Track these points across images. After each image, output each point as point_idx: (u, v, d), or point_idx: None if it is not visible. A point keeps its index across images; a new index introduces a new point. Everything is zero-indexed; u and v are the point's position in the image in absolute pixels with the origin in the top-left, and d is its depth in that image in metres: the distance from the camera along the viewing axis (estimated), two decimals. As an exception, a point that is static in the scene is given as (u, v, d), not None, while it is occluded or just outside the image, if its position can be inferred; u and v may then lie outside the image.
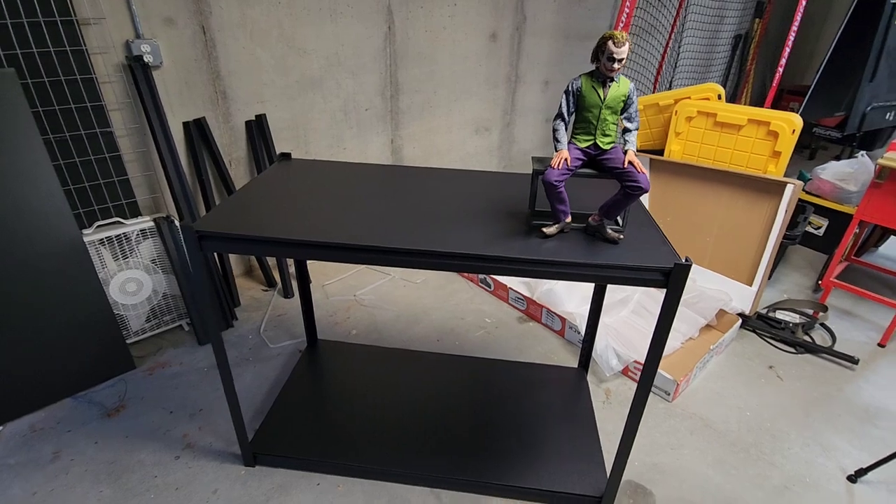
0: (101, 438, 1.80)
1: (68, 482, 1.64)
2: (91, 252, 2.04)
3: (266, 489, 1.65)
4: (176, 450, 1.77)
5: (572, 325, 2.39)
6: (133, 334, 2.26)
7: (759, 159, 2.49)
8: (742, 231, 2.53)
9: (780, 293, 2.88)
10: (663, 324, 1.23)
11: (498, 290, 2.76)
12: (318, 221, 1.34)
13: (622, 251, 1.24)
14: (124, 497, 1.60)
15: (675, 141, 2.77)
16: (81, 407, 1.94)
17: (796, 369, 2.30)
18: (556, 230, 1.29)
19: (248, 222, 1.33)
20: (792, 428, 1.98)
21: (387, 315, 2.57)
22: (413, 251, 1.23)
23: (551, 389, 2.03)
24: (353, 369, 2.09)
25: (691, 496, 1.69)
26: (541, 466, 1.69)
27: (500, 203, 1.50)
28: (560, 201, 1.25)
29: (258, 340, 2.34)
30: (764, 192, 2.44)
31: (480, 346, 2.37)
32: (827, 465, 1.82)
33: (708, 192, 2.62)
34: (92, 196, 2.13)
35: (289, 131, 2.67)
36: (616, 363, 2.16)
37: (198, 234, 1.27)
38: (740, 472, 1.78)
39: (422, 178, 1.70)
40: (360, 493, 1.64)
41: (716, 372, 2.26)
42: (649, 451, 1.85)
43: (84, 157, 2.06)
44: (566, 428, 1.85)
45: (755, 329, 2.54)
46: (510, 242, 1.27)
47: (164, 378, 2.09)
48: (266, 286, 2.76)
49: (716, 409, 2.05)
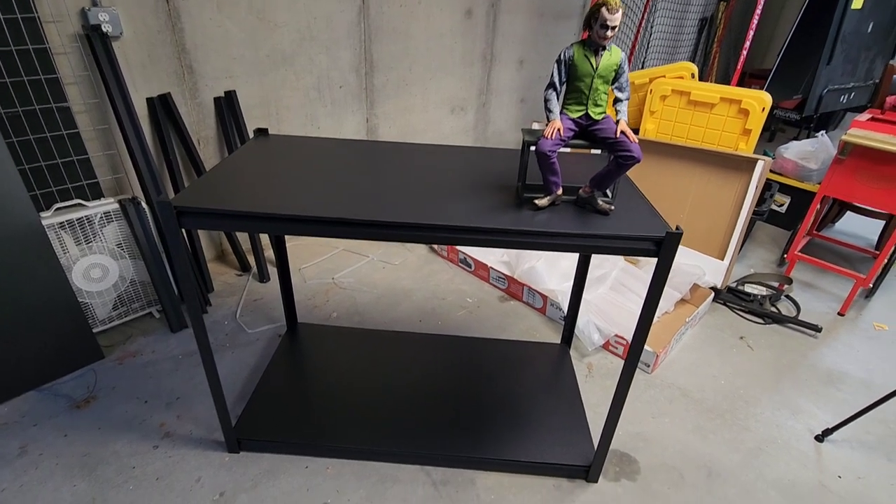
0: (70, 431, 1.71)
1: (39, 477, 1.55)
2: (51, 236, 1.91)
3: (253, 474, 1.61)
4: (154, 439, 1.70)
5: (554, 303, 2.42)
6: (100, 322, 2.14)
7: (730, 137, 2.56)
8: (714, 207, 2.60)
9: (747, 268, 3.00)
10: (654, 293, 1.25)
11: (479, 270, 2.76)
12: (302, 196, 1.29)
13: (613, 222, 1.25)
14: (101, 489, 1.53)
15: (649, 120, 2.81)
16: (47, 399, 1.83)
17: (765, 339, 2.40)
18: (547, 202, 1.29)
19: (229, 198, 1.26)
20: (763, 394, 2.07)
21: (367, 297, 2.53)
22: (406, 224, 1.20)
23: (535, 365, 2.06)
24: (336, 352, 2.06)
25: (673, 461, 1.75)
26: (528, 439, 1.71)
27: (487, 177, 1.49)
28: (552, 172, 1.24)
29: (235, 326, 2.27)
30: (735, 169, 2.51)
31: (463, 326, 2.37)
32: (796, 427, 1.92)
33: (681, 170, 2.68)
34: (49, 177, 1.99)
35: (260, 109, 2.56)
36: (598, 338, 2.20)
37: (176, 210, 1.20)
38: (717, 437, 1.85)
39: (405, 153, 1.66)
40: (350, 474, 1.63)
41: (691, 344, 2.34)
42: (632, 421, 1.90)
43: (39, 135, 1.92)
44: (552, 402, 1.88)
45: (726, 302, 2.63)
46: (502, 215, 1.25)
47: (136, 367, 2.00)
48: (240, 271, 2.67)
49: (692, 378, 2.13)
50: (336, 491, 1.57)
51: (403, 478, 1.63)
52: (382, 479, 1.62)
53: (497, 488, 1.61)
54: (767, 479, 1.70)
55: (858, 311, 2.65)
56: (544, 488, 1.62)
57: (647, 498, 1.61)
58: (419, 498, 1.57)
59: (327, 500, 1.55)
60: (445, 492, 1.59)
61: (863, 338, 2.45)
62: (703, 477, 1.70)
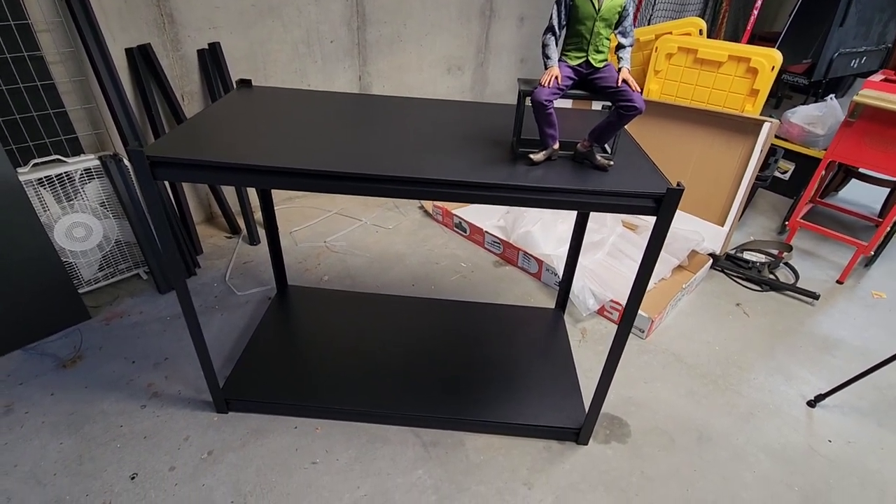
0: (57, 390, 1.69)
1: (24, 434, 1.54)
2: (29, 193, 1.84)
3: (241, 434, 1.60)
4: (141, 399, 1.69)
5: (549, 268, 2.38)
6: (85, 283, 2.10)
7: (736, 98, 2.47)
8: (717, 172, 2.53)
9: (746, 235, 2.95)
10: (651, 253, 1.20)
11: (473, 235, 2.70)
12: (284, 148, 1.22)
13: (612, 178, 1.19)
14: (88, 447, 1.52)
15: (653, 80, 2.70)
16: (33, 359, 1.80)
17: (761, 306, 2.38)
18: (543, 157, 1.22)
19: (206, 148, 1.19)
20: (757, 360, 2.06)
21: (359, 261, 2.49)
22: (392, 178, 1.14)
23: (528, 330, 2.03)
24: (327, 314, 2.02)
25: (664, 425, 1.74)
26: (520, 402, 1.70)
27: (482, 132, 1.41)
28: (549, 124, 1.17)
29: (224, 288, 2.23)
30: (740, 131, 2.43)
31: (456, 290, 2.34)
32: (789, 393, 1.91)
33: (684, 133, 2.60)
34: (25, 130, 1.90)
35: (246, 63, 2.45)
36: (593, 303, 2.17)
37: (149, 161, 1.13)
38: (710, 402, 1.85)
39: (397, 106, 1.58)
40: (340, 435, 1.62)
41: (686, 310, 2.31)
42: (624, 385, 1.88)
43: (11, 85, 1.82)
44: (544, 366, 1.86)
45: (724, 269, 2.59)
46: (495, 170, 1.19)
47: (124, 328, 1.97)
48: (230, 233, 2.61)
49: (687, 344, 2.11)
50: (325, 451, 1.57)
51: (393, 439, 1.62)
52: (372, 440, 1.61)
53: (486, 450, 1.61)
54: (758, 443, 1.70)
55: (857, 280, 2.62)
56: (534, 450, 1.62)
57: (637, 460, 1.61)
58: (408, 459, 1.56)
59: (316, 459, 1.54)
60: (435, 453, 1.58)
61: (860, 306, 2.43)
62: (694, 440, 1.70)
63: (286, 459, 1.53)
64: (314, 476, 1.49)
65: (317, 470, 1.51)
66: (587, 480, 1.54)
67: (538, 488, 1.50)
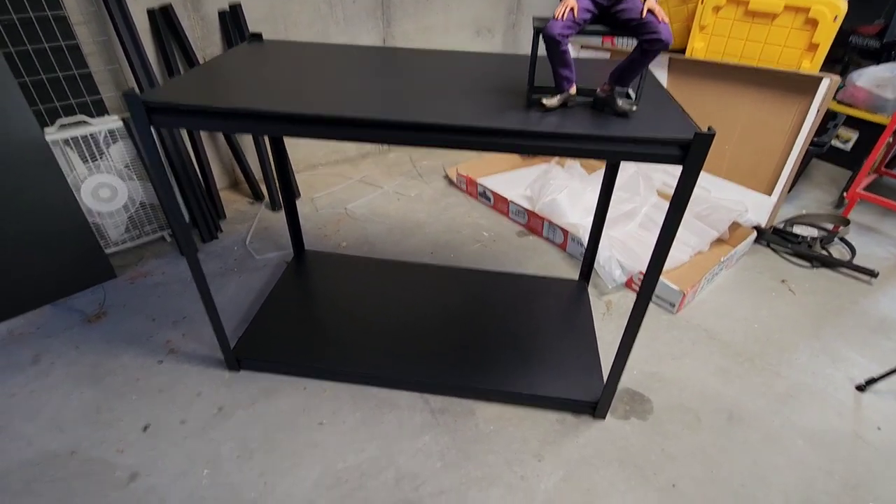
0: (81, 343, 1.75)
1: (48, 384, 1.60)
2: (56, 153, 1.89)
3: (252, 392, 1.60)
4: (159, 355, 1.72)
5: (575, 238, 2.26)
6: (112, 244, 2.16)
7: (792, 53, 2.23)
8: (765, 136, 2.31)
9: (798, 209, 2.71)
10: (676, 209, 1.08)
11: (498, 204, 2.60)
12: (289, 95, 1.17)
13: (634, 125, 1.07)
14: (106, 398, 1.56)
15: (698, 37, 2.48)
16: (61, 313, 1.87)
17: (810, 283, 2.18)
18: (557, 102, 1.12)
19: (208, 95, 1.15)
20: (801, 339, 1.89)
21: (378, 228, 2.44)
22: (385, 123, 1.06)
23: (550, 301, 1.94)
24: (342, 279, 2.00)
25: (690, 403, 1.63)
26: (535, 373, 1.62)
27: (501, 81, 1.31)
28: (563, 64, 1.06)
29: (243, 252, 2.24)
30: (795, 90, 2.20)
31: (476, 260, 2.26)
32: (835, 375, 1.74)
33: (731, 94, 2.38)
34: (51, 91, 1.94)
35: (267, 24, 2.41)
36: (619, 274, 2.04)
37: (146, 106, 1.10)
38: (743, 381, 1.71)
39: (413, 57, 1.49)
40: (348, 397, 1.60)
41: (724, 285, 2.15)
42: (649, 361, 1.77)
43: (37, 45, 1.85)
44: (564, 338, 1.77)
45: (770, 243, 2.39)
46: (504, 116, 1.09)
47: (147, 287, 2.01)
48: (252, 199, 2.62)
49: (722, 321, 1.96)
50: (332, 413, 1.55)
51: (402, 404, 1.58)
52: (380, 404, 1.58)
53: (497, 420, 1.55)
54: (796, 427, 1.56)
55: (924, 258, 2.37)
56: (547, 422, 1.54)
57: (658, 437, 1.51)
58: (416, 424, 1.52)
59: (323, 420, 1.53)
60: (443, 420, 1.54)
61: (926, 286, 2.19)
62: (723, 420, 1.58)
63: (293, 419, 1.52)
64: (320, 436, 1.48)
65: (323, 431, 1.50)
66: (601, 455, 1.46)
67: (549, 461, 1.44)
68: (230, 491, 1.33)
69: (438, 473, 1.39)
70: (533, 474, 1.40)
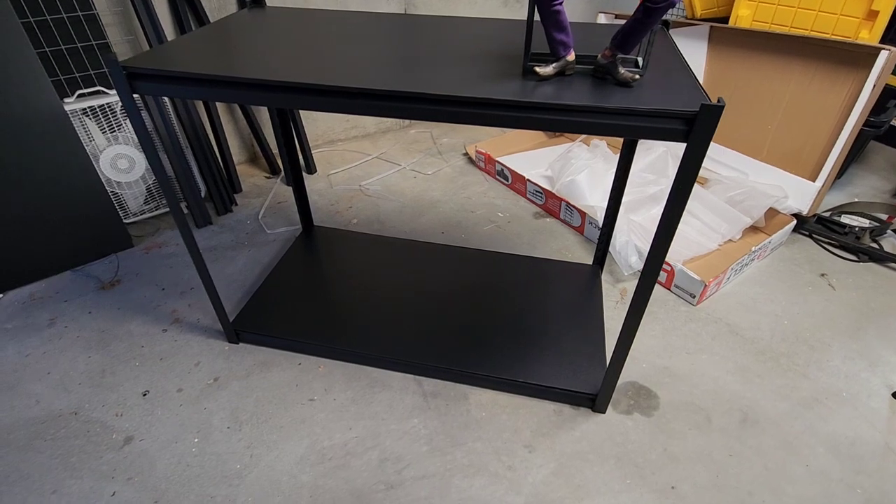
0: (94, 309, 1.81)
1: (60, 346, 1.67)
2: (75, 123, 1.94)
3: (248, 365, 1.61)
4: (164, 323, 1.76)
5: (592, 221, 2.14)
6: (132, 214, 2.22)
7: (849, 22, 1.99)
8: (813, 116, 2.09)
9: (849, 196, 2.46)
10: (680, 191, 0.97)
11: (515, 184, 2.50)
12: (277, 62, 1.12)
13: (637, 94, 0.96)
14: (111, 363, 1.61)
15: (744, 3, 2.26)
16: (80, 279, 1.94)
17: (854, 278, 1.98)
18: (552, 70, 1.02)
19: (198, 61, 1.12)
20: (835, 339, 1.72)
21: (391, 206, 2.40)
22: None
23: (559, 285, 1.85)
24: (348, 256, 1.97)
25: (701, 401, 1.52)
26: (534, 360, 1.55)
27: (507, 49, 1.21)
28: (558, 27, 0.96)
29: (256, 226, 2.25)
30: (849, 63, 1.96)
31: (488, 241, 2.18)
32: (871, 381, 1.58)
33: (777, 68, 2.16)
34: (71, 61, 1.98)
35: (284, -5, 2.37)
36: (636, 261, 1.92)
37: (127, 72, 1.09)
38: (764, 382, 1.58)
39: (409, 23, 1.41)
40: (341, 375, 1.58)
41: (754, 277, 1.99)
42: (661, 354, 1.66)
43: (55, 15, 1.88)
44: (570, 325, 1.68)
45: (812, 233, 2.19)
46: (494, 85, 1.01)
47: (160, 257, 2.06)
48: (269, 173, 2.63)
49: (747, 315, 1.81)
50: (324, 389, 1.54)
51: (394, 385, 1.56)
52: (372, 384, 1.56)
53: (490, 406, 1.49)
54: (819, 434, 1.43)
55: None
56: (543, 412, 1.48)
57: (661, 436, 1.42)
58: (406, 406, 1.49)
59: (314, 396, 1.52)
60: (434, 403, 1.50)
61: None
62: (736, 422, 1.46)
63: (285, 394, 1.52)
64: (309, 412, 1.47)
65: (313, 407, 1.49)
66: (597, 451, 1.38)
67: (540, 452, 1.38)
68: (216, 460, 1.35)
69: (423, 457, 1.36)
70: (521, 465, 1.35)
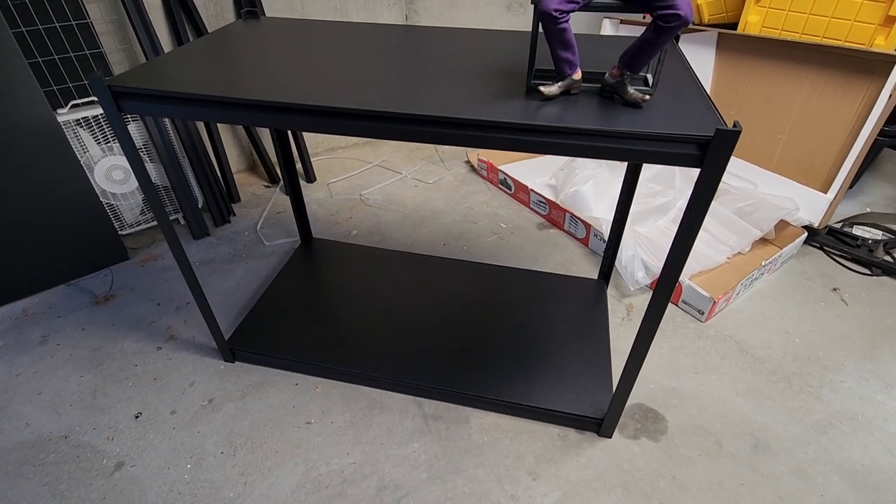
0: (88, 325, 1.77)
1: (52, 365, 1.63)
2: (69, 134, 1.90)
3: (243, 385, 1.57)
4: (159, 341, 1.72)
5: (598, 233, 2.09)
6: (128, 226, 2.18)
7: (864, 29, 1.93)
8: (825, 125, 2.03)
9: (860, 206, 2.40)
10: (693, 215, 0.92)
11: (519, 193, 2.45)
12: (272, 82, 1.07)
13: (647, 116, 0.91)
14: (103, 383, 1.57)
15: (753, 9, 2.20)
16: (74, 294, 1.90)
17: (868, 293, 1.92)
18: (558, 89, 0.97)
19: (189, 79, 1.08)
20: (850, 359, 1.67)
21: (392, 216, 2.35)
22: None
23: (564, 301, 1.80)
24: (347, 270, 1.93)
25: (711, 425, 1.46)
26: (538, 382, 1.51)
27: (510, 65, 1.17)
28: (563, 45, 0.91)
29: (254, 237, 2.21)
30: (864, 71, 1.90)
31: (491, 253, 2.14)
32: (888, 404, 1.53)
33: (788, 76, 2.10)
34: (64, 71, 1.94)
35: (282, 1, 2.32)
36: (643, 276, 1.87)
37: (113, 91, 1.04)
38: (776, 404, 1.52)
39: (408, 35, 1.37)
40: (339, 396, 1.54)
41: (765, 292, 1.93)
42: (669, 374, 1.61)
43: (48, 25, 1.84)
44: (575, 344, 1.63)
45: (823, 245, 2.13)
46: (497, 105, 0.96)
47: (156, 270, 2.02)
48: (268, 182, 2.58)
49: (757, 332, 1.76)
50: (321, 411, 1.49)
51: (393, 406, 1.51)
52: (371, 406, 1.51)
53: (492, 430, 1.45)
54: (833, 461, 1.38)
55: None
56: (546, 437, 1.43)
57: (670, 463, 1.37)
58: (405, 430, 1.45)
59: (311, 419, 1.47)
60: (434, 427, 1.45)
61: None
62: (747, 448, 1.41)
63: (282, 416, 1.48)
64: (306, 436, 1.43)
65: (310, 430, 1.44)
66: (603, 478, 1.33)
67: (544, 480, 1.33)
68: (209, 488, 1.31)
69: (423, 485, 1.32)
70: (525, 494, 1.30)
